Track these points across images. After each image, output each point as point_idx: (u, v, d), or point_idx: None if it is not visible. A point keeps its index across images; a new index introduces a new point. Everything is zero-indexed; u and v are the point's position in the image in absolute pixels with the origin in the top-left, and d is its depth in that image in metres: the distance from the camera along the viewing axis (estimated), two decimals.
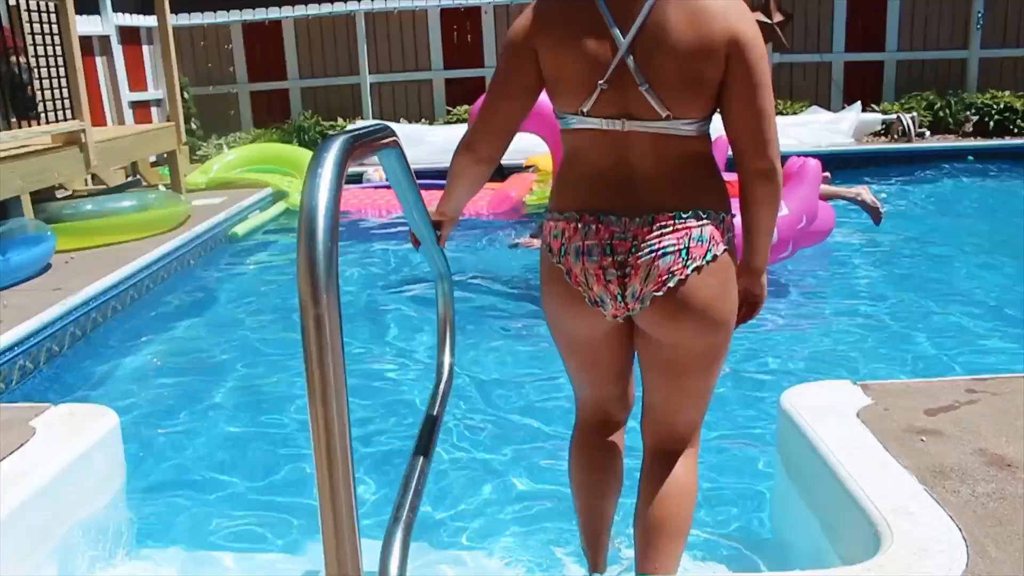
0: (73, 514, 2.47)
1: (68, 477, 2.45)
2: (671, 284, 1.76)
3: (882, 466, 2.19)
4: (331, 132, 6.22)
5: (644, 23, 1.69)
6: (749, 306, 1.96)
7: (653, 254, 1.75)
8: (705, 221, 1.77)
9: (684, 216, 1.76)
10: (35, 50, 6.02)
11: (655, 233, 1.75)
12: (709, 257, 1.77)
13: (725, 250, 1.80)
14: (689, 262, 1.76)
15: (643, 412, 2.06)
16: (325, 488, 1.15)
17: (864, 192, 5.53)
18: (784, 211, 4.80)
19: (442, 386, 2.26)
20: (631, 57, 1.71)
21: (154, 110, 10.93)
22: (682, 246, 1.75)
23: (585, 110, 1.77)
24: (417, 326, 4.68)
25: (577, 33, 1.73)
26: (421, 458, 1.87)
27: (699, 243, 1.76)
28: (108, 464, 2.69)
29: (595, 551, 2.15)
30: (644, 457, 2.08)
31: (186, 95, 10.65)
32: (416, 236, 2.12)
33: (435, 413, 2.11)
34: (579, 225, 1.80)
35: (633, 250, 1.76)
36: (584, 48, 1.73)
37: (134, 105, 10.41)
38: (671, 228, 1.75)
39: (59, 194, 7.41)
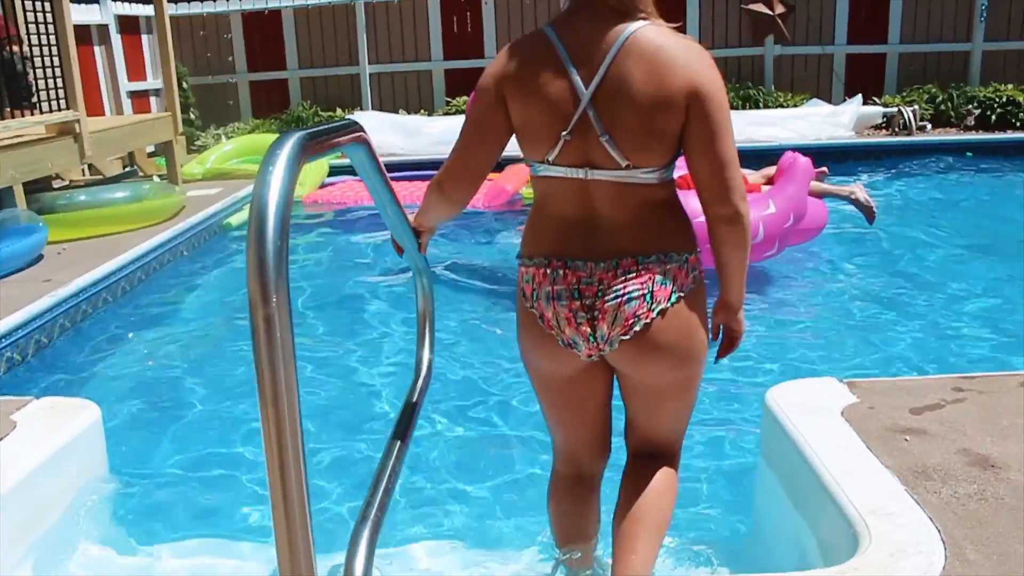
0: (53, 508, 2.46)
1: (47, 471, 2.44)
2: (637, 328, 1.81)
3: (864, 466, 2.17)
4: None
5: (605, 75, 1.73)
6: (728, 340, 1.99)
7: (619, 299, 1.79)
8: (668, 264, 1.81)
9: (647, 260, 1.80)
10: (29, 39, 5.99)
11: (619, 278, 1.80)
12: (673, 299, 1.82)
13: (691, 288, 1.85)
14: (654, 305, 1.80)
15: (625, 423, 2.09)
16: (277, 489, 1.14)
17: (858, 190, 5.47)
18: (771, 209, 4.77)
19: (420, 382, 2.24)
20: (592, 108, 1.74)
21: (153, 100, 10.90)
22: (646, 290, 1.79)
23: (551, 159, 1.81)
24: (406, 319, 4.67)
25: (542, 84, 1.77)
26: (393, 456, 1.85)
27: (663, 286, 1.80)
28: (89, 457, 2.68)
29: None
30: (627, 458, 2.10)
31: (185, 85, 10.62)
32: (396, 240, 2.14)
33: (411, 411, 2.09)
34: (547, 271, 1.85)
35: (600, 294, 1.81)
36: (548, 99, 1.77)
37: (133, 95, 10.39)
38: (635, 273, 1.79)
39: (56, 184, 7.40)
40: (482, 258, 6.05)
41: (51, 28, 6.10)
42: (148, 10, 10.26)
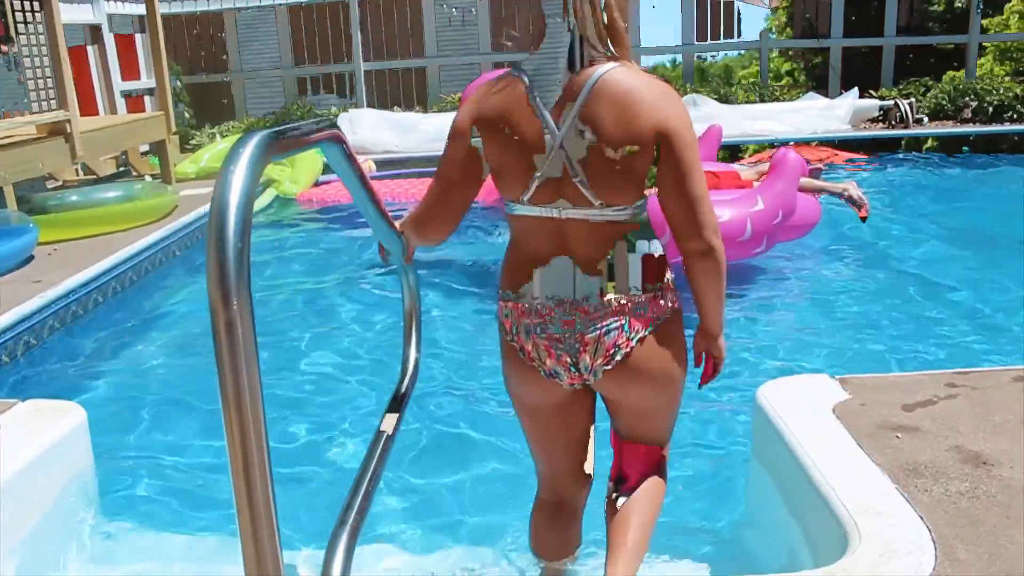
0: (38, 510, 2.44)
1: (31, 474, 2.41)
2: (618, 358, 1.84)
3: (854, 464, 2.15)
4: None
5: (576, 118, 1.74)
6: (711, 367, 2.00)
7: (598, 331, 1.83)
8: (643, 294, 1.84)
9: (622, 292, 1.82)
10: (18, 39, 5.96)
11: (596, 311, 1.83)
12: (651, 328, 1.85)
13: (667, 317, 1.87)
14: (632, 335, 1.83)
15: (611, 432, 2.08)
16: (242, 494, 1.11)
17: (851, 187, 5.42)
18: (759, 206, 4.74)
19: (406, 381, 2.21)
20: (564, 151, 1.76)
21: (147, 99, 10.86)
22: (623, 320, 1.83)
23: (525, 199, 1.83)
24: (394, 317, 4.64)
25: (515, 126, 1.79)
26: (376, 456, 1.82)
27: (639, 316, 1.83)
28: (74, 460, 2.65)
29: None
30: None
31: (179, 83, 10.59)
32: (380, 242, 2.12)
33: (397, 408, 2.06)
34: (525, 305, 1.87)
35: (579, 327, 1.84)
36: (522, 141, 1.79)
37: (127, 95, 10.35)
38: (611, 305, 1.82)
39: (49, 184, 7.38)
40: (472, 256, 6.02)
41: (41, 28, 6.07)
42: (141, 9, 10.22)
